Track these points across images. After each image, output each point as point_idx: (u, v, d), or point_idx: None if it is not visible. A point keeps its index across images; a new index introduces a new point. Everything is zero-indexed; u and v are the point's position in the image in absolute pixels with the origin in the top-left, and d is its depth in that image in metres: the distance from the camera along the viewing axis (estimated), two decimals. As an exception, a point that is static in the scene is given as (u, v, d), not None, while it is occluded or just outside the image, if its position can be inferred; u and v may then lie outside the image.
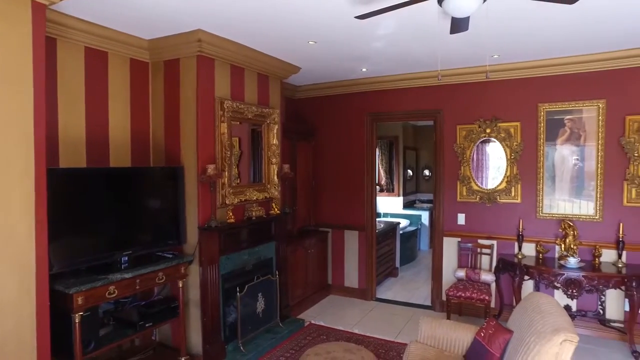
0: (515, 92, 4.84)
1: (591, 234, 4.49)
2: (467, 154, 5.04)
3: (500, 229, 4.93)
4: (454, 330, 3.32)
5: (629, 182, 4.35)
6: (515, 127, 4.83)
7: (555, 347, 2.37)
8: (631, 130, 4.32)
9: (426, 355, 3.12)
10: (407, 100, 5.46)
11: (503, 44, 4.09)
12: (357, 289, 5.86)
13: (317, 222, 6.02)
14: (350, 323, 4.97)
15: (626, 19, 3.46)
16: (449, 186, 5.20)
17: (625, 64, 4.35)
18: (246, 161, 4.54)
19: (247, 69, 4.38)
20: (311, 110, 6.13)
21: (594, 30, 3.70)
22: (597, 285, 4.09)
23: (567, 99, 4.60)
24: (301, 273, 5.38)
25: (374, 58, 4.59)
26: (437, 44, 3.97)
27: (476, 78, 4.96)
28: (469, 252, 5.02)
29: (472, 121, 5.03)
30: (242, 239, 4.29)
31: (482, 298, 4.52)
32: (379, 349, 4.25)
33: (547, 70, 4.66)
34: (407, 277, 6.87)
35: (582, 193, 4.59)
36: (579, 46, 4.17)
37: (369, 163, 5.74)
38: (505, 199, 4.91)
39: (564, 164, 4.67)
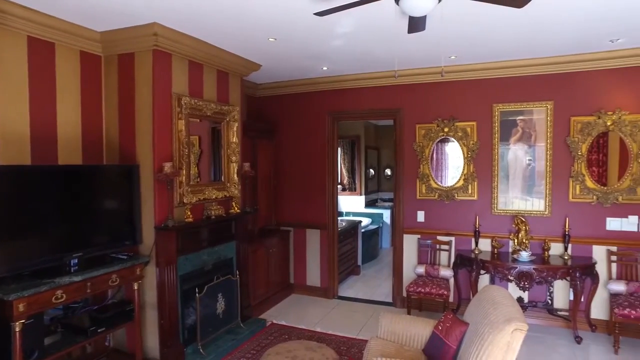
0: (472, 93, 5.00)
1: (541, 228, 4.72)
2: (426, 152, 5.16)
3: (458, 225, 5.08)
4: (413, 325, 3.38)
5: (574, 179, 4.60)
6: (471, 127, 4.99)
7: (507, 336, 2.47)
8: (575, 130, 4.57)
9: (386, 350, 3.15)
10: (368, 99, 5.52)
11: (459, 46, 4.22)
12: (320, 288, 5.87)
13: (279, 221, 5.98)
14: (312, 322, 4.96)
15: (570, 26, 3.67)
16: (408, 184, 5.31)
17: (571, 68, 4.59)
18: (206, 160, 4.45)
19: (206, 65, 4.28)
20: (272, 108, 6.08)
21: (542, 36, 3.89)
22: (546, 277, 4.29)
23: (519, 100, 4.80)
24: (263, 273, 5.33)
25: (334, 57, 4.61)
26: (396, 43, 4.04)
27: (435, 78, 5.09)
28: (428, 248, 5.14)
29: (430, 120, 5.15)
30: (201, 238, 4.20)
31: (441, 293, 4.64)
32: (340, 347, 4.27)
33: (500, 72, 4.84)
34: (369, 275, 6.95)
35: (533, 190, 4.81)
36: (529, 50, 4.37)
37: (330, 162, 5.76)
38: (463, 197, 5.06)
39: (517, 162, 4.87)
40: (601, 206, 4.53)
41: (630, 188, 4.41)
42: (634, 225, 4.44)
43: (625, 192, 4.43)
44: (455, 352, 2.88)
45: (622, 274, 4.44)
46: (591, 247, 4.58)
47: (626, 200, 4.44)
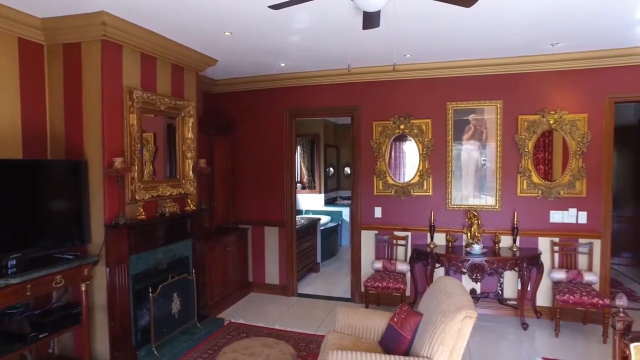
0: (427, 91, 5.14)
1: (492, 222, 4.92)
2: (383, 149, 5.25)
3: (414, 220, 5.20)
4: (370, 318, 3.43)
5: (521, 174, 4.83)
6: (426, 124, 5.12)
7: (457, 324, 2.55)
8: (522, 128, 4.81)
9: (343, 343, 3.18)
10: (326, 97, 5.55)
11: (414, 44, 4.32)
12: (279, 286, 5.84)
13: (237, 218, 5.90)
14: (271, 319, 4.93)
15: (515, 29, 3.86)
16: (366, 181, 5.38)
17: (517, 70, 4.83)
18: (162, 157, 4.32)
19: (159, 59, 4.15)
20: (230, 105, 5.98)
21: (490, 37, 4.06)
22: (496, 268, 4.48)
23: (471, 98, 4.98)
24: (220, 271, 5.23)
25: (291, 53, 4.60)
26: (352, 39, 4.08)
27: (391, 76, 5.19)
28: (385, 244, 5.24)
29: (387, 118, 5.24)
30: (155, 236, 4.06)
31: (397, 287, 4.74)
32: (299, 343, 4.26)
33: (454, 71, 5.01)
34: (328, 272, 6.99)
35: (484, 185, 5.00)
36: (479, 51, 4.55)
37: (288, 159, 5.74)
38: (419, 192, 5.19)
39: (469, 159, 5.05)
40: (545, 200, 4.79)
41: (570, 183, 4.69)
42: (573, 217, 4.73)
43: (566, 187, 4.71)
44: (410, 342, 2.94)
45: (563, 263, 4.72)
46: (537, 239, 4.84)
47: (567, 194, 4.72)
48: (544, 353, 4.02)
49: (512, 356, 4.03)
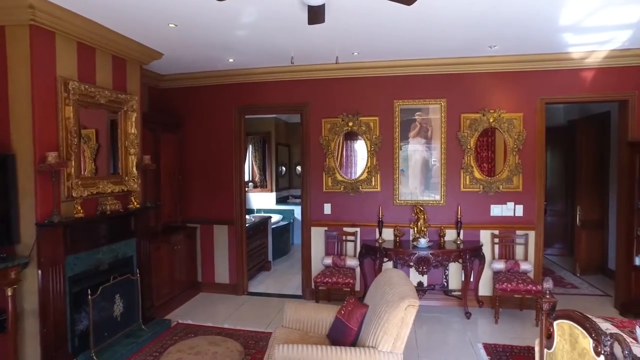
0: (374, 89, 5.25)
1: (438, 216, 5.10)
2: (332, 146, 5.30)
3: (363, 216, 5.29)
4: (318, 312, 3.45)
5: (464, 170, 5.05)
6: (374, 121, 5.23)
7: (401, 313, 2.62)
8: (465, 126, 5.03)
9: (290, 337, 3.17)
10: (275, 94, 5.53)
11: (361, 42, 4.39)
12: (229, 285, 5.74)
13: (185, 217, 5.73)
14: (220, 319, 4.83)
15: (456, 30, 4.02)
16: (315, 177, 5.41)
17: (460, 70, 5.04)
18: (104, 153, 4.12)
19: (99, 49, 3.95)
20: (178, 101, 5.81)
21: (434, 36, 4.20)
22: (441, 260, 4.65)
23: (417, 97, 5.15)
24: (167, 271, 5.07)
25: (240, 48, 4.53)
26: (300, 35, 4.09)
27: (340, 74, 5.26)
28: (335, 240, 5.29)
29: (336, 115, 5.30)
30: (96, 235, 3.87)
31: (347, 282, 4.80)
32: (249, 341, 4.21)
33: (400, 70, 5.15)
34: (280, 270, 6.96)
35: (430, 181, 5.19)
36: (424, 50, 4.70)
37: (238, 156, 5.66)
38: (367, 188, 5.29)
39: (415, 156, 5.21)
40: (486, 195, 5.04)
41: (509, 178, 4.97)
42: (511, 210, 5.01)
43: (505, 182, 4.98)
44: (356, 333, 2.99)
45: (503, 254, 4.98)
46: (479, 231, 5.07)
47: (505, 188, 5.00)
48: (485, 339, 4.22)
49: (456, 344, 4.20)
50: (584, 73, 4.89)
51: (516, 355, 3.84)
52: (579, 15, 3.67)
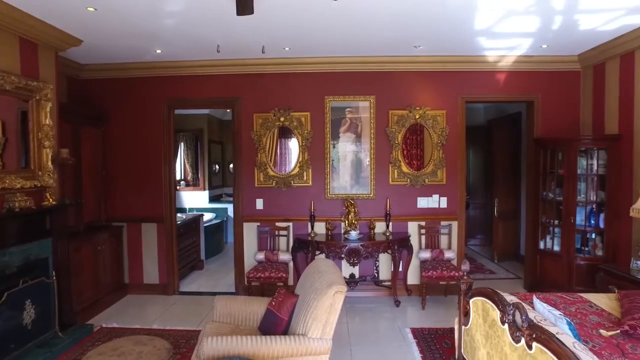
0: (306, 85, 5.31)
1: (368, 209, 5.27)
2: (264, 141, 5.29)
3: (295, 211, 5.33)
4: (249, 305, 3.43)
5: (392, 164, 5.27)
6: (306, 117, 5.30)
7: (329, 299, 2.69)
8: (392, 122, 5.26)
9: (221, 331, 3.12)
10: (207, 88, 5.40)
11: (292, 38, 4.43)
12: (159, 285, 5.51)
13: (110, 215, 5.42)
14: (149, 320, 4.63)
15: (384, 29, 4.18)
16: (247, 173, 5.37)
17: (388, 68, 5.26)
18: (13, 145, 3.77)
19: (2, 30, 3.60)
20: (102, 93, 5.47)
21: (363, 36, 4.36)
22: (371, 252, 4.82)
23: (347, 93, 5.29)
24: (90, 273, 4.76)
25: (167, 39, 4.38)
26: (229, 28, 4.04)
27: (272, 69, 5.27)
28: (267, 235, 5.29)
29: (268, 110, 5.29)
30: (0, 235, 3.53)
31: (280, 276, 4.81)
32: (179, 340, 4.08)
33: (331, 67, 5.26)
34: (213, 269, 6.81)
35: (360, 175, 5.35)
36: (354, 48, 4.84)
37: (167, 152, 5.46)
38: (299, 183, 5.34)
39: (346, 150, 5.35)
40: (413, 188, 5.30)
41: (433, 172, 5.27)
42: (436, 202, 5.31)
43: (430, 175, 5.27)
44: (287, 322, 3.01)
45: (429, 243, 5.26)
46: (407, 223, 5.32)
47: (431, 182, 5.29)
48: (413, 324, 4.44)
49: (387, 331, 4.37)
50: (497, 75, 5.32)
51: (440, 337, 4.08)
52: (490, 21, 3.99)
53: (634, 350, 2.24)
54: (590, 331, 2.48)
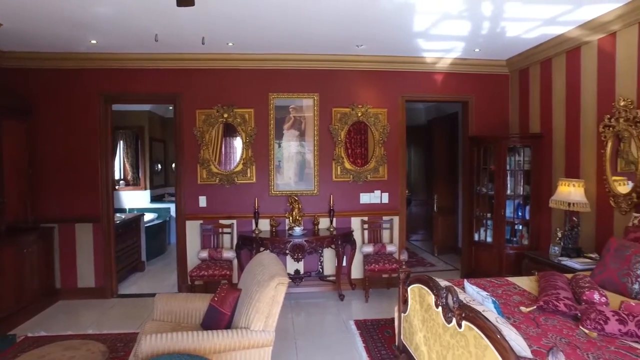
0: (250, 81, 5.28)
1: (312, 206, 5.34)
2: (207, 137, 5.20)
3: (239, 208, 5.29)
4: (191, 302, 3.35)
5: (335, 161, 5.38)
6: (249, 113, 5.27)
7: (271, 291, 2.70)
8: (335, 119, 5.36)
9: (161, 329, 3.03)
10: (147, 82, 5.21)
11: (235, 33, 4.40)
12: (95, 289, 5.23)
13: (38, 216, 5.06)
14: (84, 326, 4.39)
15: (327, 29, 4.26)
16: (189, 170, 5.25)
17: (331, 66, 5.36)
18: None
19: None
20: (28, 84, 5.09)
21: (306, 33, 4.40)
22: (315, 247, 4.88)
23: (292, 90, 5.33)
24: (12, 279, 4.40)
25: (102, 28, 4.18)
26: (170, 20, 3.94)
27: (215, 64, 5.19)
28: (211, 233, 5.20)
29: (211, 106, 5.21)
30: None
31: (224, 274, 4.75)
32: (117, 343, 3.91)
33: (275, 63, 5.27)
34: (155, 270, 6.58)
35: (304, 172, 5.40)
36: (298, 46, 4.89)
37: (104, 148, 5.20)
38: (243, 180, 5.30)
39: (290, 147, 5.38)
40: (356, 184, 5.43)
41: (375, 168, 5.43)
42: (378, 198, 5.48)
43: (372, 172, 5.43)
44: (230, 317, 2.98)
45: (371, 238, 5.42)
46: (350, 219, 5.44)
47: (373, 178, 5.45)
48: (357, 316, 4.55)
49: (331, 324, 4.44)
50: (435, 76, 5.58)
51: (382, 327, 4.22)
52: (427, 24, 4.19)
53: (546, 321, 2.47)
54: (512, 309, 2.69)
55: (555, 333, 2.32)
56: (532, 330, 2.37)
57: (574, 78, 4.51)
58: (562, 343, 2.18)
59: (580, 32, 4.27)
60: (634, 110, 3.72)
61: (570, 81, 4.57)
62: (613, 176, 3.99)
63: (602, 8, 3.81)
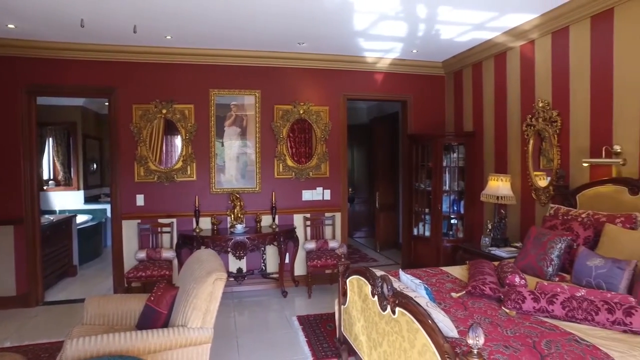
0: (190, 77, 5.15)
1: (254, 203, 5.29)
2: (144, 133, 5.00)
3: (179, 206, 5.13)
4: (125, 303, 3.22)
5: (277, 158, 5.37)
6: (189, 109, 5.13)
7: (209, 287, 2.65)
8: (278, 116, 5.36)
9: (91, 333, 2.86)
10: (79, 74, 4.90)
11: (173, 26, 4.26)
12: (16, 297, 4.83)
13: (-51, 219, 4.62)
14: (0, 338, 4.04)
15: (269, 25, 4.25)
16: (126, 167, 5.01)
17: (274, 63, 5.35)
18: None
19: None
20: None
21: (248, 29, 4.36)
22: (257, 244, 4.85)
23: (233, 87, 5.25)
24: None
25: (21, 12, 3.85)
26: (102, 8, 3.74)
27: (153, 58, 5.01)
28: (149, 232, 5.00)
29: (148, 101, 5.02)
30: None
31: (163, 274, 4.59)
32: (40, 354, 3.65)
33: (216, 59, 5.17)
34: (89, 274, 6.21)
35: (246, 169, 5.35)
36: (240, 41, 4.83)
37: (28, 146, 4.82)
38: (183, 178, 5.15)
39: (231, 144, 5.30)
40: (298, 181, 5.46)
41: (317, 165, 5.49)
42: (320, 195, 5.55)
43: (314, 169, 5.49)
44: (167, 316, 2.89)
45: (314, 234, 5.47)
46: (292, 215, 5.46)
47: (315, 175, 5.51)
48: (299, 312, 4.57)
49: (274, 320, 4.43)
50: (376, 76, 5.74)
51: (325, 321, 4.27)
52: (366, 23, 4.29)
53: (473, 305, 2.63)
54: (444, 295, 2.84)
55: (481, 314, 2.47)
56: (461, 313, 2.51)
57: (501, 80, 4.83)
58: (485, 322, 2.33)
59: (505, 38, 4.58)
60: (550, 110, 4.05)
61: (498, 83, 4.89)
62: (535, 171, 4.33)
63: (522, 17, 4.13)
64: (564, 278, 3.05)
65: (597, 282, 2.67)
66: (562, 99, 3.96)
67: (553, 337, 2.12)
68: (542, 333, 2.18)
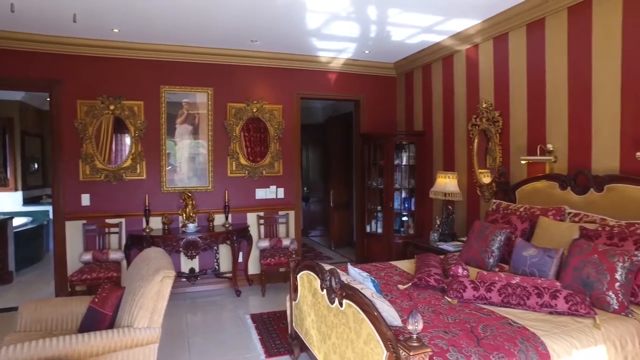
0: (140, 72, 4.99)
1: (207, 202, 5.22)
2: (90, 130, 4.79)
3: (128, 206, 4.96)
4: (66, 306, 3.06)
5: (230, 157, 5.32)
6: (139, 106, 4.97)
7: (156, 285, 2.59)
8: (231, 114, 5.31)
9: (25, 340, 2.71)
10: (15, 66, 4.61)
11: (121, 18, 4.11)
12: (-55, 305, 4.51)
13: None
14: None
15: (222, 21, 4.20)
16: (70, 165, 4.78)
17: (227, 61, 5.29)
18: None
19: None
20: None
21: (204, 22, 4.27)
22: (209, 243, 4.78)
23: (185, 84, 5.15)
24: None
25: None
26: None
27: (100, 52, 4.82)
28: (96, 233, 4.80)
29: (95, 97, 4.81)
30: None
31: (110, 276, 4.42)
32: (-27, 363, 3.40)
33: (167, 55, 5.05)
34: (27, 281, 5.85)
35: (198, 167, 5.25)
36: (193, 38, 4.75)
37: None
38: (132, 176, 4.98)
39: (183, 142, 5.19)
40: (251, 179, 5.43)
41: (271, 163, 5.49)
42: (273, 193, 5.55)
43: (267, 167, 5.48)
44: (112, 318, 2.79)
45: (267, 233, 5.46)
46: (246, 214, 5.42)
47: (268, 173, 5.50)
48: (253, 311, 4.55)
49: (227, 320, 4.37)
50: (330, 75, 5.81)
51: (278, 319, 4.27)
52: (318, 23, 4.34)
53: (419, 295, 2.74)
54: (392, 287, 2.94)
55: (425, 304, 2.58)
56: (406, 303, 2.61)
57: (449, 82, 5.04)
58: (429, 311, 2.44)
59: (452, 41, 4.79)
60: (492, 111, 4.28)
61: (446, 85, 5.10)
62: (481, 169, 4.55)
63: (467, 23, 4.34)
64: (503, 268, 3.24)
65: (531, 270, 2.86)
66: (503, 101, 4.20)
67: (489, 322, 2.25)
68: (479, 318, 2.31)
